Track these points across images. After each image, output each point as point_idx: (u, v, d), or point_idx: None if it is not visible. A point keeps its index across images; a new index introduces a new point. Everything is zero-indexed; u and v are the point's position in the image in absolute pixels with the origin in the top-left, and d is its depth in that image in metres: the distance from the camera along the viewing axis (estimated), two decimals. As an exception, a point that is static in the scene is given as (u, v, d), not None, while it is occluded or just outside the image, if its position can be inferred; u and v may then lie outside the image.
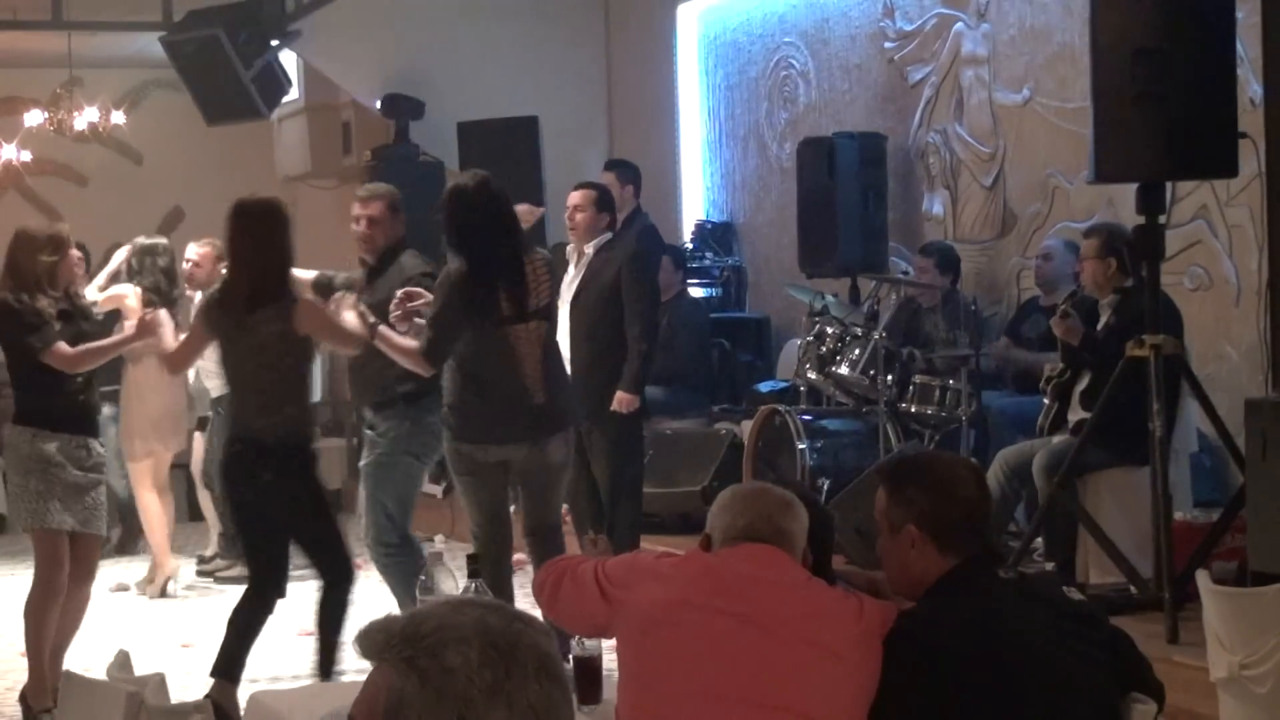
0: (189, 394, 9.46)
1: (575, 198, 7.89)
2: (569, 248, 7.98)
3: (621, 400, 7.68)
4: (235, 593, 9.32)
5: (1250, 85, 7.02)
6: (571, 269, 7.89)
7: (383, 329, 6.41)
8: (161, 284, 8.79)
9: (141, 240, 9.01)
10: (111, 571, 9.68)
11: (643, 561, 3.54)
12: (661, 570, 3.41)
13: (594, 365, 7.72)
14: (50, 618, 6.46)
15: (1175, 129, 5.97)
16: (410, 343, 6.44)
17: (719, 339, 10.26)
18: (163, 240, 9.17)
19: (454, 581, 4.51)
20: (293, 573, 6.52)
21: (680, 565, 3.41)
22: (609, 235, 7.94)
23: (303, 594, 9.01)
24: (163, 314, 7.28)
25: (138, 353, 8.44)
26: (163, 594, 9.23)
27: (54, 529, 6.41)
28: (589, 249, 7.84)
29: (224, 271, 6.74)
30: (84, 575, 6.62)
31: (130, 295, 8.61)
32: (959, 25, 9.33)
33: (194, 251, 9.11)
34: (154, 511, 9.14)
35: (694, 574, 3.35)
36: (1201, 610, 5.09)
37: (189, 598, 9.26)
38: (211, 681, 6.19)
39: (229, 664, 6.16)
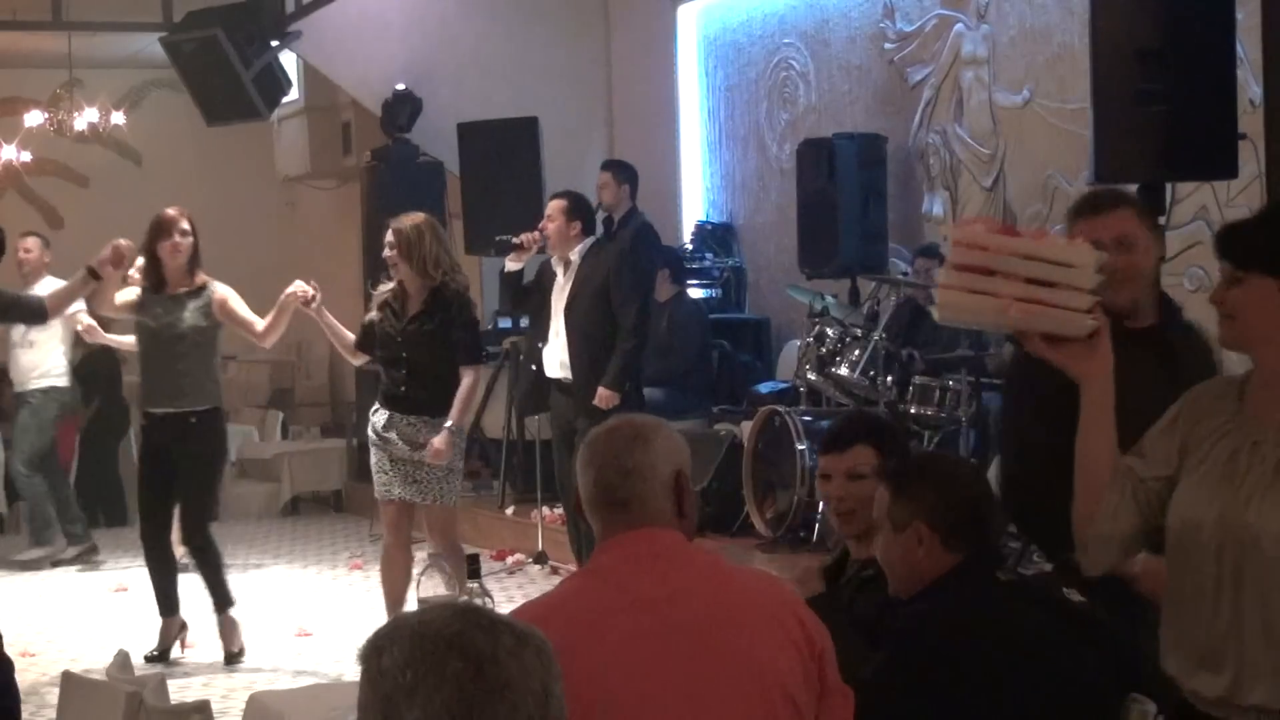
0: None
1: (547, 208, 7.95)
2: (553, 258, 7.99)
3: (602, 397, 7.69)
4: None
5: (1250, 86, 7.02)
6: (560, 277, 7.91)
7: None
8: None
9: None
10: (113, 572, 9.68)
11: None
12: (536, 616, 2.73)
13: (591, 369, 7.74)
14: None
15: (1175, 129, 5.96)
16: None
17: (719, 340, 10.25)
18: None
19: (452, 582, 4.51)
20: (294, 567, 6.50)
21: (545, 616, 2.73)
22: (592, 240, 7.94)
23: (303, 593, 9.03)
24: None
25: None
26: None
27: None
28: (574, 256, 7.85)
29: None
30: None
31: None
32: (959, 26, 9.33)
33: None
34: None
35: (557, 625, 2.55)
36: (1201, 611, 5.08)
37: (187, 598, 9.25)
38: None
39: None
